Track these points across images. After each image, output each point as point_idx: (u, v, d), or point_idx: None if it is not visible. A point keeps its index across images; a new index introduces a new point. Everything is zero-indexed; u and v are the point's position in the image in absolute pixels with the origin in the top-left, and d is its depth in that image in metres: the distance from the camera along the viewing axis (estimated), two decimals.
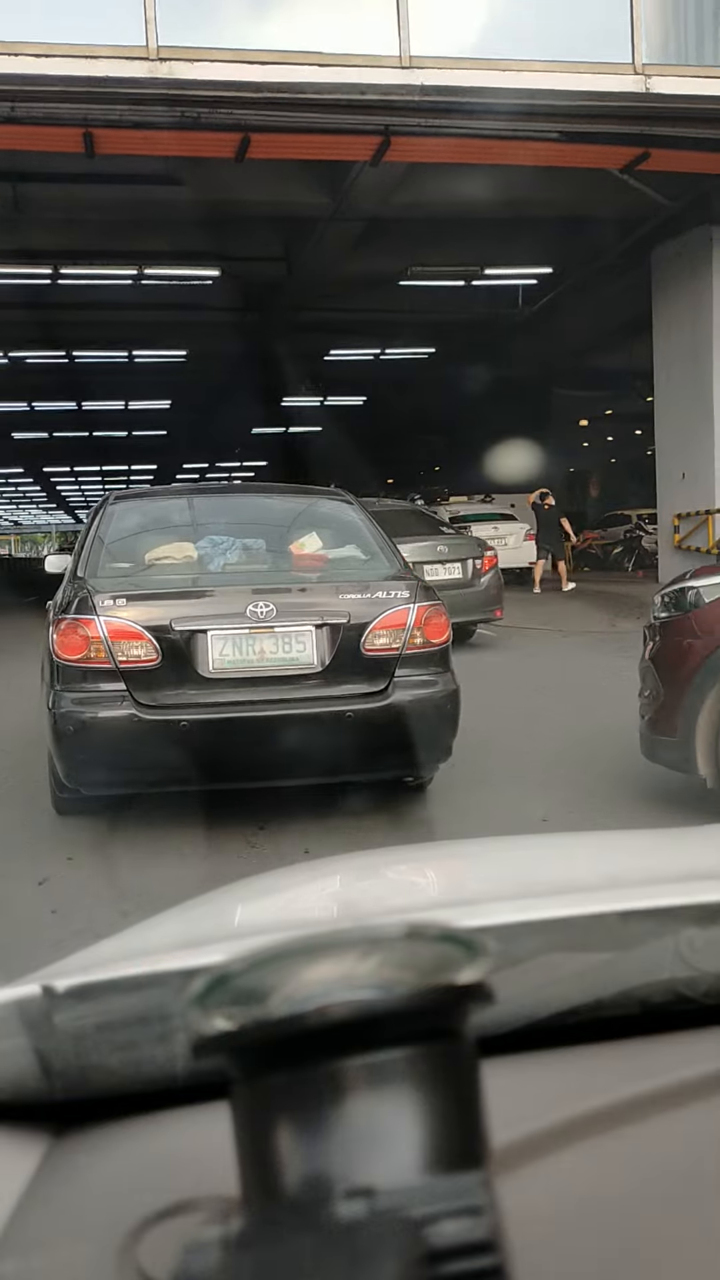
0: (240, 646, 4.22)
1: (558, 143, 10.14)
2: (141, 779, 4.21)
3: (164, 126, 9.51)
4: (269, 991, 0.42)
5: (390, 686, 4.26)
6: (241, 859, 3.91)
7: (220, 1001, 0.43)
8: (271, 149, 10.11)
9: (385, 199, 12.35)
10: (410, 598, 4.35)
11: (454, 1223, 0.38)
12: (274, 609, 4.19)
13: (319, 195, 12.51)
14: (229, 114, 9.36)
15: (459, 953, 0.44)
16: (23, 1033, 0.62)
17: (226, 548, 4.87)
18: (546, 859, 1.14)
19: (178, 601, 4.31)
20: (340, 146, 10.11)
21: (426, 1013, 0.43)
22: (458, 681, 4.43)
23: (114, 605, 4.14)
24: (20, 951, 2.73)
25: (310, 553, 4.89)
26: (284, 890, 1.08)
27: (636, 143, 10.26)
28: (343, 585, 4.44)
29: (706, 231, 12.80)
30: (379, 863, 1.30)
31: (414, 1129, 0.42)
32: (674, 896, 0.82)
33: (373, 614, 4.28)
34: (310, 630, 4.24)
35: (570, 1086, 0.62)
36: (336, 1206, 0.39)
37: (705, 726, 3.88)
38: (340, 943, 0.44)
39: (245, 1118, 0.43)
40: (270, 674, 4.21)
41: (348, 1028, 0.41)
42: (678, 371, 13.80)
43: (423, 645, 4.33)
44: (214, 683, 4.16)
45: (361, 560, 4.80)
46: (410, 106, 9.28)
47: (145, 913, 0.99)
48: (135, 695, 4.08)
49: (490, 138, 9.88)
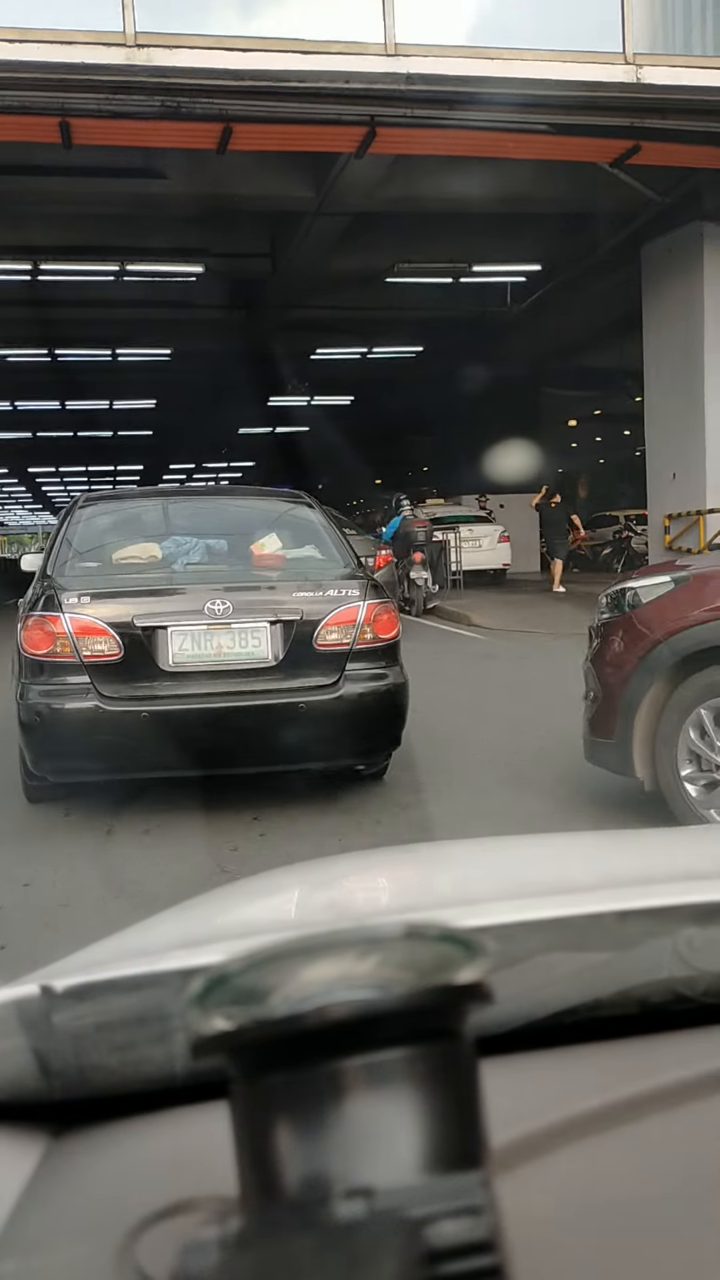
0: (199, 642, 4.45)
1: (547, 135, 9.96)
2: (105, 767, 4.42)
3: (143, 116, 9.30)
4: (268, 991, 0.42)
5: (341, 680, 4.51)
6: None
7: (219, 1001, 0.42)
8: (254, 140, 9.90)
9: (371, 193, 12.15)
10: (360, 595, 4.62)
11: (453, 1223, 0.38)
12: (231, 606, 4.44)
13: (304, 189, 12.29)
14: (209, 103, 9.14)
15: (458, 953, 0.43)
16: (21, 1033, 0.62)
17: (189, 548, 5.12)
18: (545, 859, 1.14)
19: (140, 599, 4.51)
20: (324, 137, 9.90)
21: (425, 1013, 0.42)
22: (406, 675, 4.72)
23: (79, 603, 4.37)
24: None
25: (269, 553, 5.13)
26: (283, 890, 1.08)
27: (627, 135, 10.08)
28: (297, 584, 4.68)
29: (698, 228, 12.60)
30: (378, 862, 1.30)
31: (413, 1129, 0.42)
32: (672, 896, 0.82)
33: (325, 611, 4.54)
34: (265, 627, 4.49)
35: (569, 1086, 0.62)
36: (335, 1206, 0.39)
37: (641, 728, 3.89)
38: (339, 942, 0.44)
39: (244, 1118, 0.43)
40: (227, 668, 4.45)
41: (346, 1028, 0.41)
42: (668, 370, 13.60)
43: (372, 640, 4.59)
44: (174, 676, 4.39)
45: (318, 560, 5.04)
46: (396, 96, 9.08)
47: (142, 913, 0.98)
48: (99, 687, 4.31)
49: (478, 129, 9.69)
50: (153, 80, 8.64)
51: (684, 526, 13.66)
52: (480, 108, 9.38)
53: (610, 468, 31.78)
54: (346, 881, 1.10)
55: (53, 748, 4.39)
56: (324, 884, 1.09)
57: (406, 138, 9.98)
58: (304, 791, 4.73)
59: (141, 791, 4.43)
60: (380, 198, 12.37)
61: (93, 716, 4.28)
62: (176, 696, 4.38)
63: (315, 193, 12.32)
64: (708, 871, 0.99)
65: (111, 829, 4.13)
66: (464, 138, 9.91)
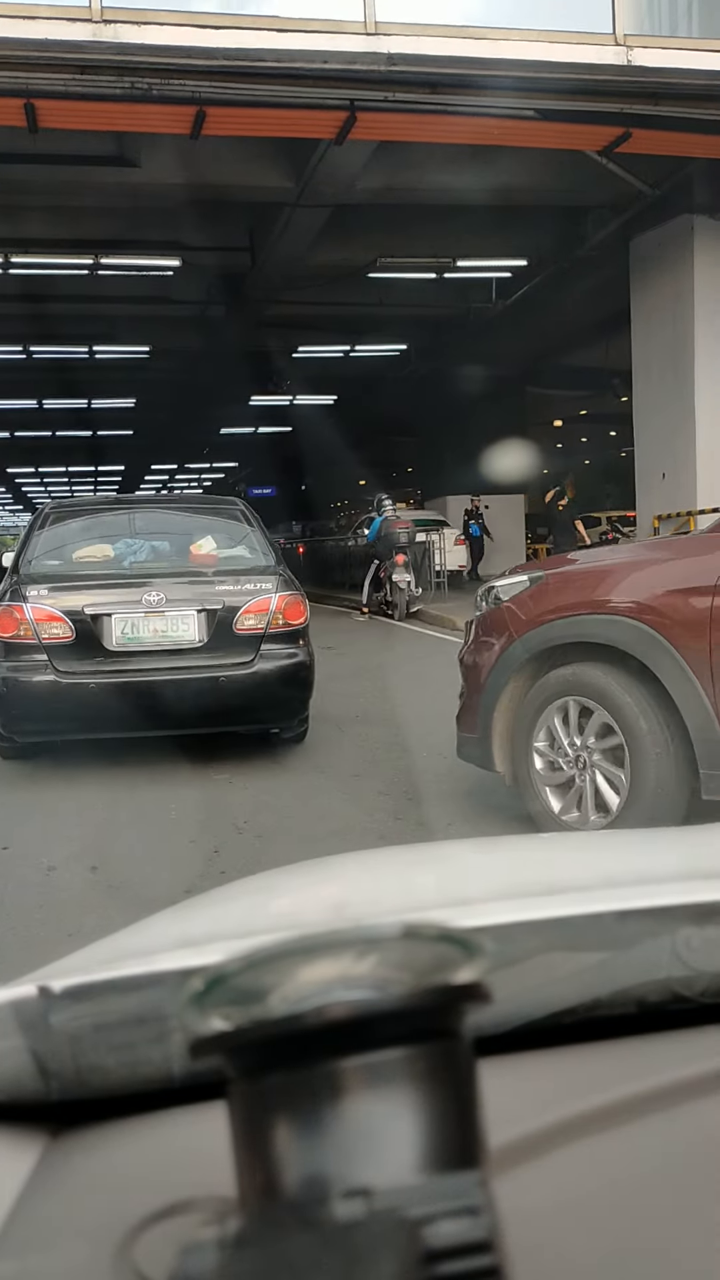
0: (137, 626, 5.35)
1: (535, 121, 9.58)
2: (61, 729, 5.41)
3: (112, 98, 8.93)
4: (266, 991, 0.43)
5: (256, 658, 5.40)
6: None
7: (217, 1001, 0.43)
8: (229, 125, 9.51)
9: (352, 184, 11.79)
10: (273, 588, 5.49)
11: (451, 1222, 0.38)
12: (164, 597, 5.35)
13: (283, 179, 11.91)
14: (181, 85, 8.77)
15: (456, 953, 0.44)
16: (19, 1033, 0.62)
17: (137, 549, 6.08)
18: (543, 858, 1.14)
19: (90, 591, 5.41)
20: (302, 122, 9.52)
21: (423, 1013, 0.43)
22: (313, 655, 5.62)
23: (39, 595, 5.33)
24: None
25: (205, 553, 6.09)
26: (281, 890, 1.08)
27: (617, 122, 9.74)
28: (222, 578, 5.58)
29: (688, 220, 12.28)
30: (376, 862, 1.30)
31: (411, 1129, 0.42)
32: (671, 896, 0.82)
33: (244, 601, 5.42)
34: (193, 614, 5.39)
35: (567, 1086, 0.62)
36: (334, 1206, 0.39)
37: (500, 724, 4.03)
38: (337, 943, 0.44)
39: (242, 1118, 0.44)
40: (161, 648, 5.35)
41: (345, 1028, 0.41)
42: (658, 368, 13.28)
43: (283, 626, 5.46)
44: (116, 654, 5.33)
45: (245, 558, 5.99)
46: (376, 78, 8.71)
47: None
48: (55, 664, 5.25)
49: (462, 114, 9.33)
50: (120, 59, 8.26)
51: (674, 528, 13.29)
52: (465, 91, 9.03)
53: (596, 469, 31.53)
54: (345, 881, 1.10)
55: (17, 713, 5.36)
56: (322, 884, 1.09)
57: (388, 123, 9.62)
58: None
59: (89, 828, 4.45)
60: (361, 189, 12.01)
61: (50, 688, 5.23)
62: (118, 671, 5.31)
63: (295, 183, 11.94)
64: (706, 871, 0.98)
65: (53, 867, 3.73)
66: (448, 124, 9.55)
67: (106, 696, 5.20)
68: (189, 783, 5.10)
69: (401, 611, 13.04)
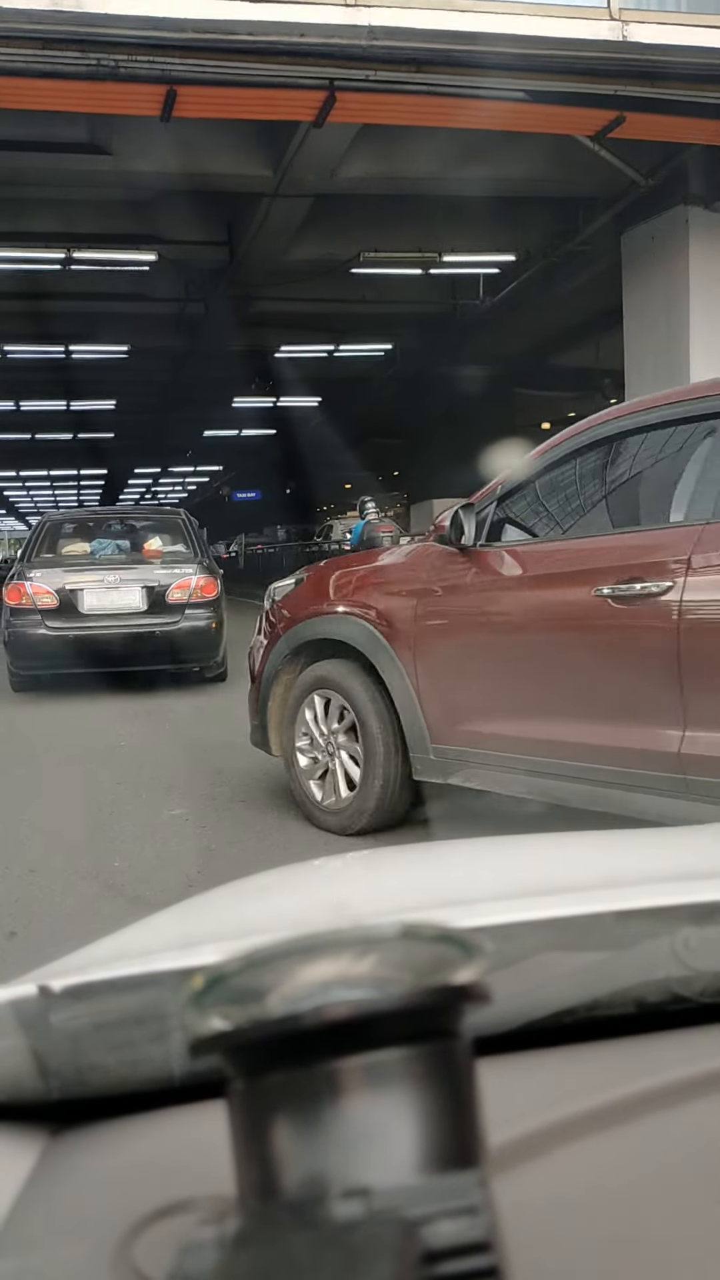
0: (101, 598, 8.49)
1: (524, 103, 9.07)
2: (51, 666, 8.50)
3: (77, 76, 8.38)
4: (265, 991, 0.43)
5: (181, 619, 8.50)
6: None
7: (217, 1001, 0.43)
8: (202, 105, 9.02)
9: (333, 172, 11.34)
10: (195, 572, 8.70)
11: (450, 1222, 0.38)
12: (119, 579, 8.54)
13: (261, 167, 11.45)
14: (150, 62, 8.30)
15: (455, 952, 0.44)
16: (19, 1033, 0.63)
17: (107, 546, 9.52)
18: (543, 858, 1.16)
19: (70, 575, 8.60)
20: (279, 103, 9.05)
21: (423, 1012, 0.43)
22: (223, 618, 8.69)
23: (37, 576, 8.57)
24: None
25: (154, 549, 9.30)
26: (280, 890, 1.09)
27: (611, 105, 9.28)
28: (160, 567, 8.75)
29: (683, 212, 11.85)
30: (375, 862, 1.35)
31: (410, 1129, 0.42)
32: (670, 896, 0.83)
33: (173, 581, 8.60)
34: (139, 589, 8.56)
35: (567, 1086, 0.62)
36: (333, 1206, 0.40)
37: (274, 714, 4.56)
38: (337, 942, 0.45)
39: (242, 1117, 0.44)
40: (117, 612, 8.47)
41: (344, 1027, 0.42)
42: (651, 367, 12.83)
43: (200, 598, 8.58)
44: (88, 616, 8.45)
45: (181, 552, 9.24)
46: (356, 54, 8.26)
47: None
48: (46, 622, 8.35)
49: (448, 95, 8.86)
50: (84, 30, 7.79)
51: None
52: (450, 70, 8.57)
53: None
54: (345, 881, 1.11)
55: (21, 655, 8.55)
56: (322, 884, 1.10)
57: (370, 104, 9.14)
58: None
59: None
60: (343, 177, 11.56)
61: (42, 638, 8.34)
62: (88, 627, 8.41)
63: (273, 171, 11.48)
64: (705, 871, 0.98)
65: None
66: (433, 106, 9.08)
67: (80, 643, 8.30)
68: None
69: None
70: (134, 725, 7.26)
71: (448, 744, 3.90)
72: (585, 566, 3.53)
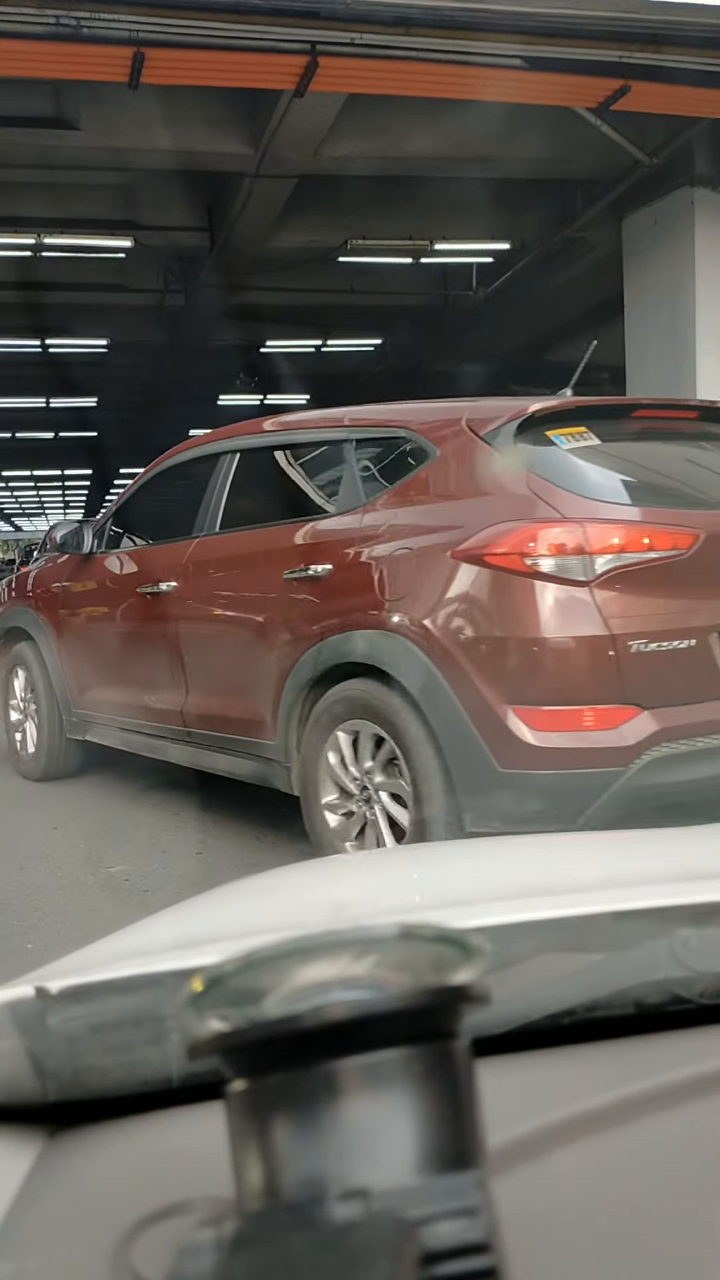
0: None
1: (522, 71, 8.38)
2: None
3: (34, 36, 7.75)
4: (264, 992, 0.43)
5: None
6: None
7: (215, 1002, 0.43)
8: (172, 71, 8.35)
9: (317, 151, 10.69)
10: None
11: (449, 1223, 0.39)
12: None
13: (241, 145, 10.79)
14: (115, 21, 7.65)
15: (454, 953, 0.44)
16: (16, 1034, 0.63)
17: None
18: (542, 859, 1.16)
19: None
20: (257, 69, 8.37)
21: (421, 1013, 0.43)
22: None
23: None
24: None
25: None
26: (279, 890, 1.08)
27: (615, 73, 8.63)
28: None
29: (688, 194, 11.19)
30: (374, 862, 1.32)
31: (409, 1130, 0.42)
32: (669, 896, 0.83)
33: None
34: None
35: (566, 1086, 0.63)
36: (332, 1208, 0.40)
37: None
38: (335, 943, 0.45)
39: (240, 1119, 0.44)
40: None
41: (342, 1028, 0.42)
42: (654, 359, 12.20)
43: None
44: None
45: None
46: (340, 13, 7.63)
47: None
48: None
49: (438, 61, 8.14)
50: None
51: None
52: (441, 32, 7.92)
53: None
54: (343, 882, 1.10)
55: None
56: (321, 884, 1.09)
57: (355, 70, 8.49)
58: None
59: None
60: (328, 156, 10.89)
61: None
62: None
63: (254, 149, 10.81)
64: (704, 872, 0.97)
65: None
66: (423, 74, 8.43)
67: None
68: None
69: None
70: None
71: (81, 709, 5.19)
72: (137, 570, 4.76)
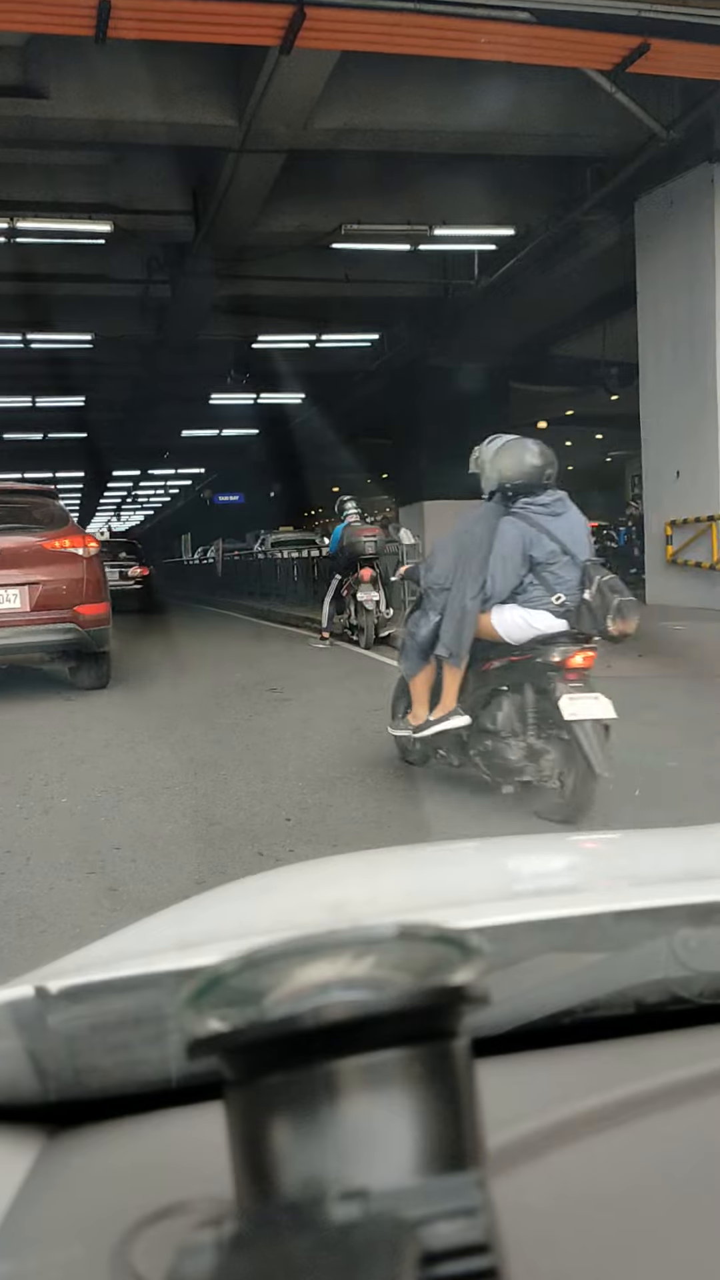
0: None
1: (530, 25, 7.61)
2: None
3: None
4: (263, 992, 0.43)
5: None
6: None
7: (214, 1003, 0.44)
8: (144, 24, 7.67)
9: (306, 123, 9.96)
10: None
11: (449, 1224, 0.39)
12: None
13: (224, 116, 10.06)
14: None
15: (453, 954, 0.45)
16: (16, 1034, 0.63)
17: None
18: (542, 859, 1.16)
19: None
20: (237, 21, 7.70)
21: (421, 1014, 0.43)
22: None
23: None
24: None
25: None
26: (278, 891, 1.08)
27: (632, 29, 7.91)
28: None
29: (707, 171, 10.50)
30: (374, 862, 1.31)
31: (409, 1130, 0.43)
32: (669, 896, 0.83)
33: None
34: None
35: (565, 1086, 0.63)
36: (331, 1208, 0.40)
37: None
38: (335, 943, 0.45)
39: (240, 1119, 0.44)
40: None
41: (342, 1029, 0.42)
42: (670, 350, 11.46)
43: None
44: None
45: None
46: None
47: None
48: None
49: (437, 14, 7.41)
50: None
51: (691, 535, 11.35)
52: None
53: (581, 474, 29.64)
54: (343, 882, 1.09)
55: None
56: (320, 884, 1.09)
57: (345, 24, 7.80)
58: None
59: None
60: (318, 128, 10.17)
61: None
62: None
63: (238, 120, 10.10)
64: (704, 872, 0.98)
65: None
66: (420, 28, 7.73)
67: None
68: None
69: (369, 637, 10.96)
70: None
71: None
72: None
